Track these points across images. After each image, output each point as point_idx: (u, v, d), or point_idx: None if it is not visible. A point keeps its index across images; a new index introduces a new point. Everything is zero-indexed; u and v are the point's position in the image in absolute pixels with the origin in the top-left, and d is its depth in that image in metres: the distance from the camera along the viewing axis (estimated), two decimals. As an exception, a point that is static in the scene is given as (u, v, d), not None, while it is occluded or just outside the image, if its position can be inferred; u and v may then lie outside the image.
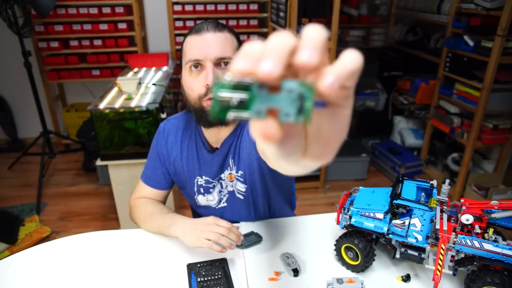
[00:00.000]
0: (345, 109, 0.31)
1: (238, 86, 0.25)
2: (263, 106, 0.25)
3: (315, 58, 0.24)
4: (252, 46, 0.27)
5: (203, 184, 1.11)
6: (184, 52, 0.96)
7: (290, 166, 0.52)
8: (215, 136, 1.06)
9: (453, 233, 0.80)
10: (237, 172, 1.07)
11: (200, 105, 0.94)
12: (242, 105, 0.26)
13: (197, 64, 0.92)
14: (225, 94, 0.25)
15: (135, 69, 2.56)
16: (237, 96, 0.25)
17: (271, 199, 1.14)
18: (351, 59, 0.26)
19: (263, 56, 0.25)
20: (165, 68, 2.61)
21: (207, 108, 0.94)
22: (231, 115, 0.26)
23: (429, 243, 0.84)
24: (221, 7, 2.87)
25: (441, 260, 0.80)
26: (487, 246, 0.77)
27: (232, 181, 1.08)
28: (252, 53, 0.26)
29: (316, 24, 0.27)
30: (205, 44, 0.91)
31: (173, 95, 2.72)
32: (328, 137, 0.32)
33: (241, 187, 1.08)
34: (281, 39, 0.26)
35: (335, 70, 0.25)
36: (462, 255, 0.82)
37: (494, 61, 2.10)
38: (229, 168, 1.07)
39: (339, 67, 0.26)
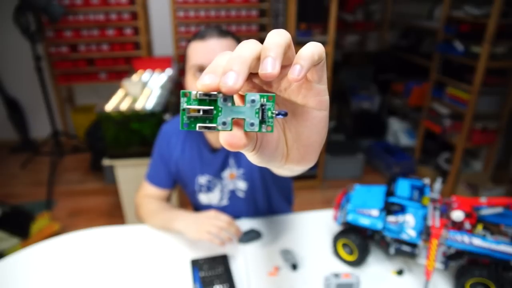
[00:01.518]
0: (320, 112, 0.32)
1: (204, 100, 0.27)
2: (228, 117, 0.27)
3: (276, 69, 0.26)
4: (218, 60, 0.28)
5: (205, 183, 1.13)
6: (188, 56, 0.97)
7: (278, 170, 0.58)
8: (216, 136, 1.07)
9: (445, 229, 0.83)
10: (238, 170, 1.09)
11: None
12: (210, 117, 0.27)
13: (201, 69, 0.94)
14: (192, 107, 0.27)
15: (140, 72, 2.65)
16: (202, 109, 0.27)
17: (271, 197, 1.16)
18: (312, 50, 0.28)
19: (225, 70, 0.26)
20: (169, 71, 2.71)
21: None
22: (199, 126, 0.27)
23: (422, 239, 0.86)
24: (222, 13, 2.97)
25: (433, 255, 0.82)
26: (476, 240, 0.80)
27: (233, 179, 1.10)
28: (217, 68, 0.27)
29: (278, 30, 0.28)
30: (209, 50, 0.92)
31: (177, 97, 2.81)
32: (307, 140, 0.33)
33: (242, 185, 1.11)
34: (242, 51, 0.27)
35: (298, 60, 0.27)
36: (453, 251, 0.84)
37: (483, 66, 2.17)
38: (230, 167, 1.09)
39: (300, 57, 0.27)
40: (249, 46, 0.27)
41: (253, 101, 0.27)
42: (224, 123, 0.27)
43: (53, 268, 0.97)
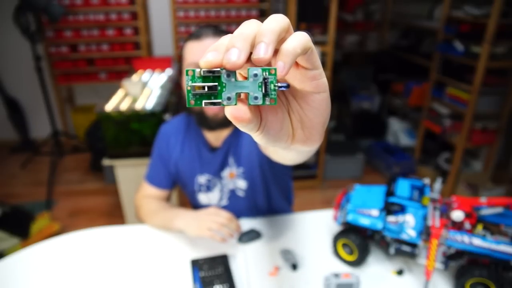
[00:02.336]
0: (319, 95, 0.33)
1: (208, 76, 0.28)
2: (232, 92, 0.28)
3: (268, 54, 0.27)
4: (222, 39, 0.29)
5: (204, 182, 1.13)
6: (184, 57, 0.98)
7: (285, 152, 0.56)
8: (216, 136, 1.09)
9: (445, 229, 0.83)
10: (237, 169, 1.09)
11: (201, 109, 0.98)
12: (215, 93, 0.28)
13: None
14: (197, 85, 0.28)
15: (140, 72, 2.65)
16: (207, 85, 0.28)
17: (271, 196, 1.16)
18: (295, 44, 0.28)
19: (228, 47, 0.27)
20: (169, 71, 2.71)
21: (208, 112, 0.98)
22: (204, 102, 0.28)
23: (422, 239, 0.87)
24: (222, 13, 2.98)
25: (433, 255, 0.82)
26: (476, 240, 0.80)
27: (233, 179, 1.11)
28: (220, 46, 0.28)
29: (276, 15, 0.29)
30: (204, 49, 0.91)
31: (176, 97, 2.81)
32: (310, 122, 0.34)
33: (242, 184, 1.10)
34: (244, 29, 0.28)
35: (281, 57, 0.28)
36: (453, 251, 0.84)
37: (483, 66, 2.17)
38: (229, 166, 1.10)
39: (283, 54, 0.28)
40: (250, 25, 0.28)
41: (255, 75, 0.28)
42: (228, 98, 0.28)
43: (53, 268, 0.97)
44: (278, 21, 0.28)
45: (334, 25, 2.32)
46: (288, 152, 0.53)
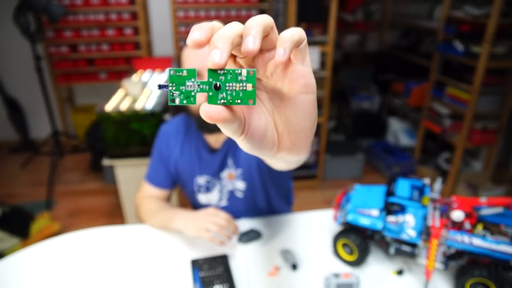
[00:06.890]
0: (307, 95, 0.33)
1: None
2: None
3: (256, 45, 0.28)
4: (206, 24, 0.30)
5: (204, 183, 1.14)
6: (183, 62, 0.99)
7: (272, 161, 0.55)
8: (216, 138, 1.09)
9: (445, 229, 0.83)
10: (236, 170, 1.10)
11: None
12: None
13: (197, 74, 0.99)
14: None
15: (140, 72, 2.65)
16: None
17: (270, 197, 1.16)
18: (292, 32, 0.30)
19: (210, 49, 0.29)
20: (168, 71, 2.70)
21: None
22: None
23: (422, 239, 0.87)
24: (222, 13, 2.98)
25: (433, 255, 0.82)
26: (476, 240, 0.81)
27: (231, 180, 1.11)
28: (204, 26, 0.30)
29: (260, 15, 0.31)
30: (202, 55, 0.92)
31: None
32: (297, 126, 0.34)
33: (241, 185, 1.11)
34: (225, 30, 0.29)
35: (281, 44, 0.29)
36: (453, 251, 0.85)
37: (483, 66, 2.18)
38: (228, 167, 1.10)
39: (282, 41, 0.29)
40: (232, 26, 0.30)
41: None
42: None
43: (53, 268, 0.97)
44: (262, 17, 0.30)
45: (334, 25, 2.32)
46: (276, 162, 0.53)
